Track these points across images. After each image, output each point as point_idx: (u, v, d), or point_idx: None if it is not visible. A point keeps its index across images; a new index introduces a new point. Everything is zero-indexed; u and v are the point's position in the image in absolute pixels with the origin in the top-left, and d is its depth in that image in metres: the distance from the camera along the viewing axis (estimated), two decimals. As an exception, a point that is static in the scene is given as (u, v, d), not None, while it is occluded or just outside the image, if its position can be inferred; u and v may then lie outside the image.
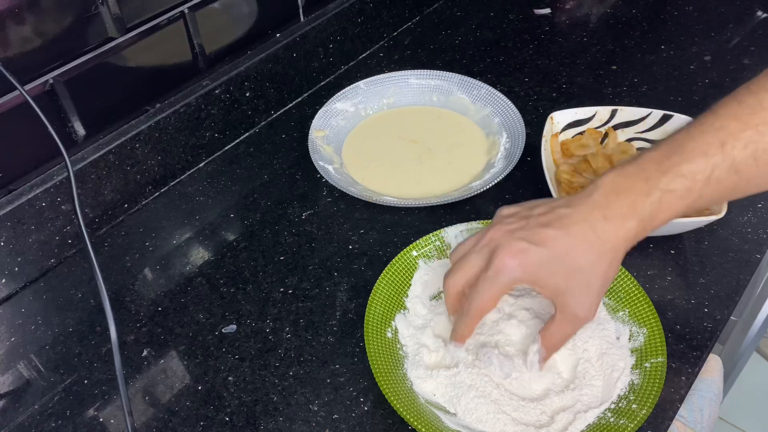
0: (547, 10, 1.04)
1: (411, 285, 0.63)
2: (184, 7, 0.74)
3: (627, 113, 0.75)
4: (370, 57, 0.98)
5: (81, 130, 0.70)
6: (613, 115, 0.76)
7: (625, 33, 0.98)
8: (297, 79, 0.89)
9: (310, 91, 0.92)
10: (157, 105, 0.76)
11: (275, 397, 0.58)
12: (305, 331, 0.62)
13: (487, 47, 0.97)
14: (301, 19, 0.88)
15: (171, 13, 0.73)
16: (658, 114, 0.74)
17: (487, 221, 0.66)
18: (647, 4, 1.05)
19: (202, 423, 0.56)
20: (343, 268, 0.68)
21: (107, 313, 0.52)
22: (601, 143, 0.75)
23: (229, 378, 0.59)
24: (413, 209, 0.73)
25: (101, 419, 0.57)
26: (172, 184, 0.79)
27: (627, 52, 0.95)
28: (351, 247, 0.70)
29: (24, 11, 0.60)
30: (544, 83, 0.90)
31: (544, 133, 0.72)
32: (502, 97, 0.83)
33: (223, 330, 0.63)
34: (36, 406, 0.59)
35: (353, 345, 0.61)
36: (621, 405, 0.53)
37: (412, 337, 0.59)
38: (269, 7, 0.83)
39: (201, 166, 0.82)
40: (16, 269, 0.68)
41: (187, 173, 0.81)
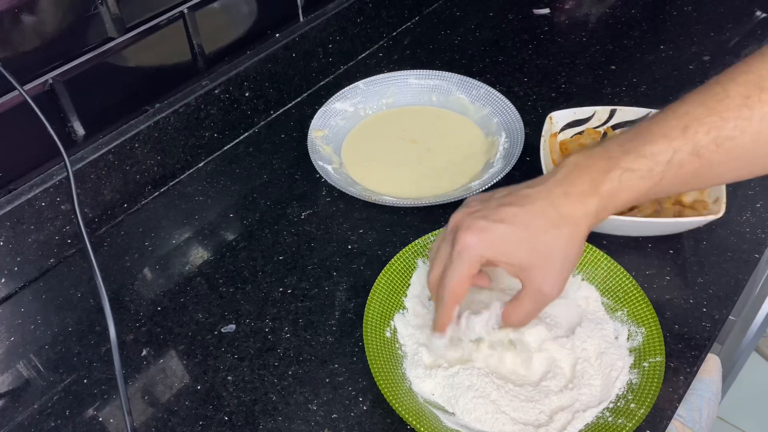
0: (546, 10, 1.04)
1: (410, 285, 0.63)
2: (184, 7, 0.74)
3: (626, 113, 0.75)
4: (370, 57, 0.98)
5: (80, 130, 0.70)
6: (612, 114, 0.76)
7: (625, 33, 0.99)
8: (296, 79, 0.89)
9: (310, 91, 0.92)
10: (157, 105, 0.76)
11: (274, 397, 0.58)
12: (304, 331, 0.63)
13: (486, 47, 0.97)
14: (301, 19, 0.88)
15: (170, 13, 0.73)
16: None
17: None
18: (647, 4, 1.05)
19: (201, 422, 0.56)
20: (342, 267, 0.68)
21: (106, 312, 0.52)
22: (600, 143, 0.75)
23: (229, 377, 0.59)
24: (412, 209, 0.73)
25: (101, 419, 0.57)
26: (172, 184, 0.79)
27: (626, 52, 0.95)
28: (350, 246, 0.70)
29: (24, 11, 0.60)
30: (543, 83, 0.90)
31: (543, 133, 0.72)
32: (501, 97, 0.83)
33: (222, 330, 0.63)
34: (35, 406, 0.59)
35: (352, 345, 0.61)
36: (619, 404, 0.53)
37: (410, 337, 0.59)
38: (269, 7, 0.83)
39: (200, 166, 0.82)
40: (16, 269, 0.68)
41: (187, 173, 0.81)
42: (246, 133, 0.86)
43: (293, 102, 0.90)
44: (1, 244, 0.65)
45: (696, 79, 0.88)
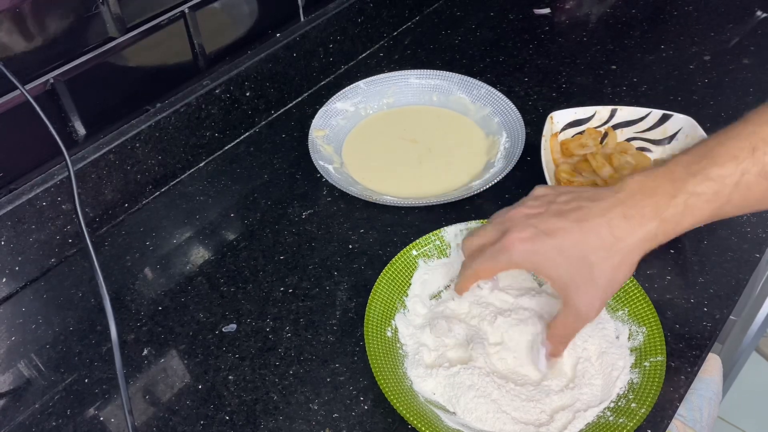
0: (546, 10, 1.04)
1: (411, 284, 0.63)
2: (185, 7, 0.74)
3: (626, 113, 0.75)
4: (370, 57, 0.98)
5: (81, 130, 0.70)
6: (612, 114, 0.76)
7: (625, 33, 0.99)
8: (297, 79, 0.89)
9: (310, 91, 0.92)
10: (158, 105, 0.76)
11: (275, 396, 0.58)
12: (305, 331, 0.63)
13: (487, 47, 0.97)
14: (301, 18, 0.88)
15: (171, 13, 0.73)
16: (657, 113, 0.74)
17: (486, 221, 0.66)
18: (647, 4, 1.05)
19: (202, 422, 0.56)
20: (343, 267, 0.68)
21: (108, 312, 0.52)
22: (601, 143, 0.75)
23: (230, 377, 0.59)
24: (413, 209, 0.73)
25: (102, 418, 0.57)
26: (173, 183, 0.80)
27: (627, 51, 0.95)
28: (351, 246, 0.70)
29: (25, 11, 0.60)
30: (543, 83, 0.90)
31: (544, 133, 0.72)
32: (502, 96, 0.83)
33: (223, 329, 0.63)
34: (36, 405, 0.59)
35: (353, 344, 0.61)
36: (620, 404, 0.53)
37: (411, 337, 0.59)
38: (269, 6, 0.83)
39: (201, 165, 0.82)
40: (17, 268, 0.68)
41: (188, 173, 0.81)
42: (247, 133, 0.86)
43: (294, 102, 0.90)
44: (2, 243, 0.65)
45: (696, 79, 0.88)
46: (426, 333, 0.59)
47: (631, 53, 0.94)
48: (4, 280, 0.67)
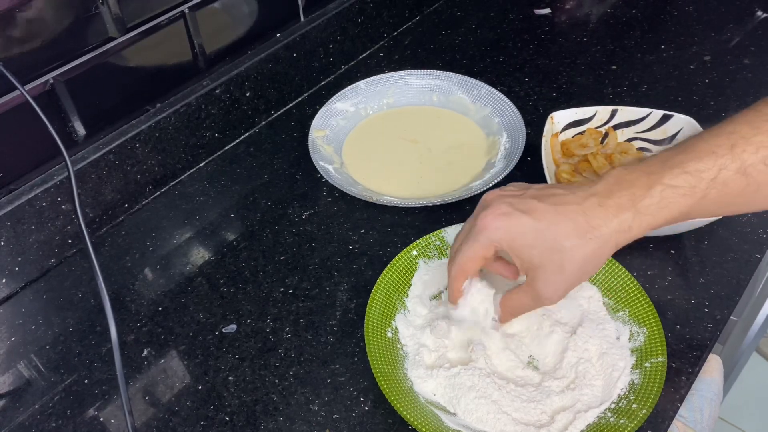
0: (547, 10, 1.04)
1: (411, 285, 0.63)
2: (185, 7, 0.74)
3: (627, 113, 0.75)
4: (371, 57, 0.98)
5: (81, 130, 0.70)
6: (613, 114, 0.76)
7: (625, 33, 0.98)
8: (297, 79, 0.89)
9: (311, 91, 0.92)
10: (158, 105, 0.76)
11: (275, 397, 0.58)
12: (305, 331, 0.62)
13: (487, 47, 0.97)
14: (302, 19, 0.88)
15: (171, 13, 0.73)
16: (658, 114, 0.74)
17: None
18: (647, 4, 1.05)
19: (202, 423, 0.56)
20: (344, 268, 0.68)
21: (107, 312, 0.52)
22: (601, 143, 0.75)
23: (230, 378, 0.59)
24: (413, 209, 0.73)
25: (101, 419, 0.57)
26: (173, 183, 0.79)
27: (627, 52, 0.95)
28: (351, 247, 0.70)
29: (24, 11, 0.60)
30: (544, 83, 0.90)
31: (545, 133, 0.72)
32: (502, 96, 0.83)
33: (223, 330, 0.63)
34: (36, 406, 0.59)
35: (353, 345, 0.61)
36: (621, 405, 0.53)
37: (412, 337, 0.59)
38: (269, 7, 0.83)
39: (201, 165, 0.82)
40: (17, 269, 0.68)
41: (188, 173, 0.81)
42: (247, 133, 0.86)
43: (294, 102, 0.90)
44: (2, 244, 0.65)
45: (697, 79, 0.88)
46: (426, 334, 0.59)
47: (631, 53, 0.94)
48: (4, 281, 0.67)
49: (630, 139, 0.76)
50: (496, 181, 0.73)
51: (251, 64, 0.82)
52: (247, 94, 0.83)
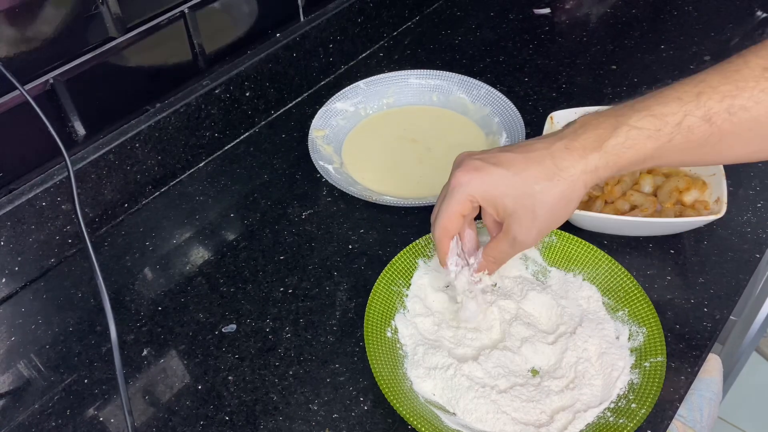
0: (547, 10, 1.04)
1: (411, 285, 0.63)
2: (184, 7, 0.74)
3: (627, 113, 0.75)
4: (370, 57, 0.98)
5: (81, 130, 0.70)
6: (612, 114, 0.76)
7: (625, 33, 0.99)
8: (297, 79, 0.89)
9: (310, 91, 0.92)
10: (157, 105, 0.76)
11: (275, 397, 0.58)
12: (305, 331, 0.63)
13: (487, 47, 0.97)
14: (301, 18, 0.88)
15: (171, 13, 0.73)
16: (657, 114, 0.74)
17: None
18: (647, 4, 1.05)
19: (202, 422, 0.56)
20: (343, 267, 0.68)
21: (107, 312, 0.52)
22: (601, 143, 0.75)
23: (229, 377, 0.59)
24: (413, 209, 0.73)
25: (101, 418, 0.57)
26: (172, 183, 0.79)
27: (627, 51, 0.95)
28: (351, 246, 0.70)
29: (24, 11, 0.60)
30: (543, 83, 0.90)
31: (544, 133, 0.72)
32: (502, 96, 0.83)
33: (223, 329, 0.63)
34: (36, 406, 0.59)
35: (353, 344, 0.61)
36: (620, 404, 0.53)
37: (411, 337, 0.59)
38: (269, 7, 0.83)
39: (201, 165, 0.82)
40: (16, 269, 0.68)
41: (187, 173, 0.81)
42: (246, 133, 0.86)
43: (294, 102, 0.90)
44: (2, 243, 0.65)
45: (697, 79, 0.88)
46: (428, 322, 0.59)
47: (631, 53, 0.94)
48: (3, 280, 0.67)
49: (629, 139, 0.76)
50: (496, 180, 0.73)
51: (251, 64, 0.82)
52: (247, 94, 0.83)
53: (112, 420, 0.57)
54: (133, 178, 0.75)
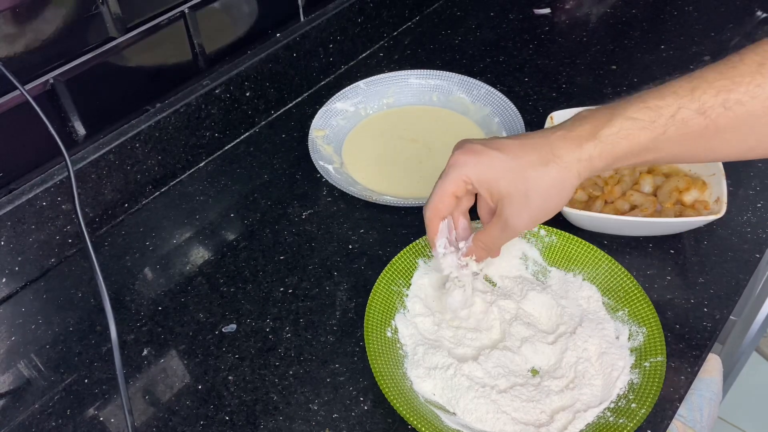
0: (547, 10, 1.04)
1: (411, 285, 0.63)
2: (185, 7, 0.74)
3: (627, 113, 0.75)
4: (370, 57, 0.98)
5: (81, 130, 0.70)
6: (612, 114, 0.76)
7: (625, 33, 0.99)
8: (297, 79, 0.89)
9: (310, 91, 0.92)
10: (157, 105, 0.76)
11: (275, 397, 0.58)
12: (305, 331, 0.63)
13: (487, 47, 0.97)
14: (301, 18, 0.88)
15: (171, 13, 0.73)
16: (657, 114, 0.74)
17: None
18: (647, 4, 1.05)
19: (202, 422, 0.56)
20: (343, 267, 0.68)
21: (107, 312, 0.52)
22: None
23: (229, 377, 0.59)
24: (413, 209, 0.73)
25: (101, 418, 0.57)
26: (173, 183, 0.79)
27: (627, 51, 0.95)
28: (351, 246, 0.70)
29: (24, 11, 0.60)
30: (543, 83, 0.90)
31: (544, 133, 0.72)
32: (502, 96, 0.83)
33: (223, 329, 0.63)
34: (36, 406, 0.59)
35: (353, 344, 0.61)
36: (620, 404, 0.53)
37: (411, 337, 0.59)
38: (269, 7, 0.83)
39: (201, 165, 0.82)
40: (17, 269, 0.68)
41: (187, 173, 0.81)
42: (247, 133, 0.86)
43: (294, 102, 0.90)
44: (2, 243, 0.65)
45: (697, 79, 0.88)
46: (428, 321, 0.59)
47: (631, 53, 0.94)
48: (4, 280, 0.67)
49: (629, 139, 0.76)
50: (496, 180, 0.73)
51: (251, 64, 0.82)
52: (247, 94, 0.83)
53: (112, 420, 0.57)
54: (133, 178, 0.75)
